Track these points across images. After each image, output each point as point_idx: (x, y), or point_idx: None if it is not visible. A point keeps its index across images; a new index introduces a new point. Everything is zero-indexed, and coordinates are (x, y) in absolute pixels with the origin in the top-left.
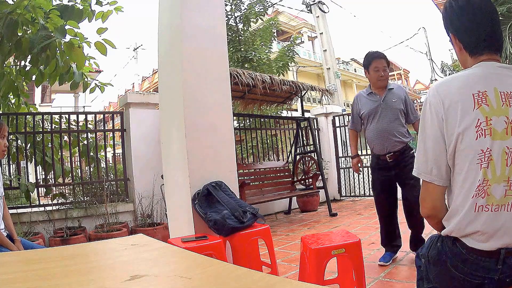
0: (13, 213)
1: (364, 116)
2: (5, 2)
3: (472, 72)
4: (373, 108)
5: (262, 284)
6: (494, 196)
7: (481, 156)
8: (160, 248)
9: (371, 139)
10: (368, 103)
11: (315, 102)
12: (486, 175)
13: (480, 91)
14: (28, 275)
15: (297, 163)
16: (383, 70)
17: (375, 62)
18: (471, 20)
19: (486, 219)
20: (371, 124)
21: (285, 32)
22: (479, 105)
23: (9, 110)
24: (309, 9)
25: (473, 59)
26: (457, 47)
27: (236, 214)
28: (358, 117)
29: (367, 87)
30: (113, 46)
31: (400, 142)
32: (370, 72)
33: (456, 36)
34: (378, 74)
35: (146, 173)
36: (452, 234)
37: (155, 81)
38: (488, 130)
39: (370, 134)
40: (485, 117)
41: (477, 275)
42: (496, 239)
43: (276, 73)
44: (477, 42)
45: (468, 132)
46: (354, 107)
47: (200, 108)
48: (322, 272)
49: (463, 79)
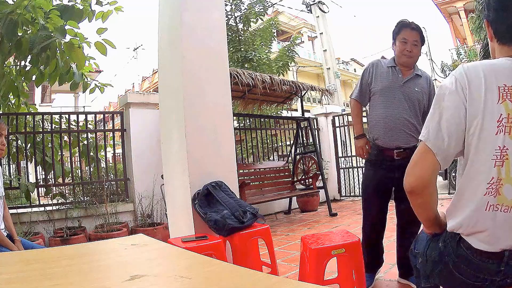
0: (13, 213)
1: (375, 92)
2: (5, 2)
3: (500, 63)
4: (390, 87)
5: (262, 284)
6: (505, 196)
7: (497, 153)
8: (160, 248)
9: (376, 126)
10: (385, 77)
11: (315, 102)
12: (500, 174)
13: (506, 85)
14: (28, 275)
15: (297, 163)
16: (413, 45)
17: (405, 32)
18: (507, 10)
19: (496, 219)
20: (381, 107)
21: (285, 32)
22: (503, 99)
23: (9, 110)
24: (309, 9)
25: (500, 48)
26: (489, 34)
27: (236, 214)
28: (367, 88)
29: (390, 59)
30: (113, 46)
31: (414, 139)
32: (397, 43)
33: (490, 23)
34: (405, 47)
35: (146, 173)
36: (459, 231)
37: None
38: (508, 128)
39: (376, 119)
40: (507, 114)
41: (479, 276)
42: (502, 241)
43: (276, 73)
44: (507, 31)
45: (489, 124)
46: (364, 75)
47: (200, 108)
48: (322, 272)
49: (491, 68)
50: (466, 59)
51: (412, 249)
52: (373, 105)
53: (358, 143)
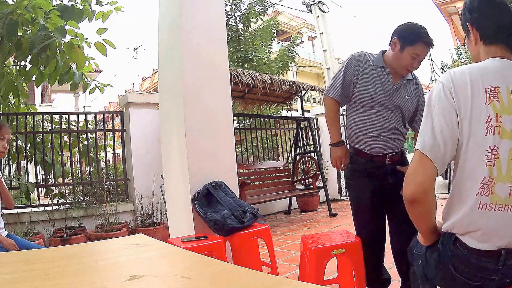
0: (13, 213)
1: (361, 96)
2: (5, 2)
3: (486, 65)
4: (379, 92)
5: (262, 284)
6: (498, 195)
7: (488, 153)
8: (160, 248)
9: (363, 133)
10: (374, 80)
11: (315, 102)
12: (492, 173)
13: (493, 86)
14: (28, 275)
15: (297, 163)
16: (419, 62)
17: (419, 47)
18: (493, 10)
19: (489, 218)
20: (370, 115)
21: (285, 32)
22: (490, 101)
23: (9, 110)
24: (309, 9)
25: (487, 50)
26: (474, 38)
27: (236, 214)
28: (350, 88)
29: (377, 56)
30: (113, 46)
31: (402, 143)
32: (404, 53)
33: (474, 25)
34: (413, 62)
35: (146, 173)
36: (453, 231)
37: (155, 81)
38: (497, 128)
39: (364, 128)
40: (495, 114)
41: (477, 276)
42: (496, 239)
43: (276, 73)
44: (495, 31)
45: (477, 126)
46: (348, 72)
47: (200, 108)
48: (322, 272)
49: (477, 71)
50: (466, 59)
51: (412, 248)
52: (357, 110)
53: (336, 152)
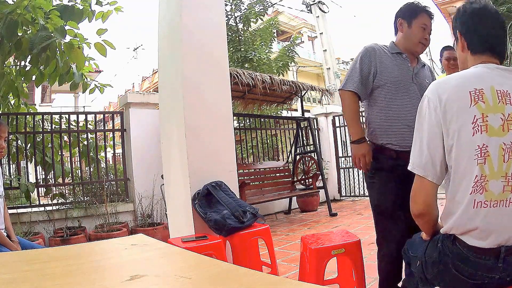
0: (13, 213)
1: (382, 85)
2: (5, 2)
3: (469, 72)
4: (402, 79)
5: (262, 284)
6: (492, 192)
7: (477, 152)
8: (160, 248)
9: (388, 124)
10: (393, 67)
11: (315, 102)
12: (484, 171)
13: (477, 88)
14: (28, 275)
15: (297, 163)
16: (429, 34)
17: (423, 18)
18: (483, 23)
19: (485, 215)
20: (396, 104)
21: (285, 32)
22: (475, 102)
23: (9, 110)
24: (309, 9)
25: (473, 58)
26: (461, 45)
27: (236, 214)
28: (369, 80)
29: (390, 44)
30: (113, 47)
31: None
32: (413, 27)
33: (463, 34)
34: (424, 34)
35: (146, 173)
36: (451, 232)
37: (155, 81)
38: (484, 127)
39: (389, 116)
40: (481, 114)
41: (478, 274)
42: (495, 236)
43: (276, 73)
44: (481, 41)
45: (464, 128)
46: (364, 63)
47: (200, 108)
48: (322, 272)
49: (461, 78)
50: None
51: (406, 251)
52: (380, 101)
53: (359, 150)
